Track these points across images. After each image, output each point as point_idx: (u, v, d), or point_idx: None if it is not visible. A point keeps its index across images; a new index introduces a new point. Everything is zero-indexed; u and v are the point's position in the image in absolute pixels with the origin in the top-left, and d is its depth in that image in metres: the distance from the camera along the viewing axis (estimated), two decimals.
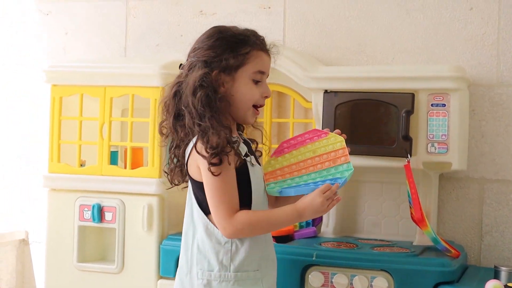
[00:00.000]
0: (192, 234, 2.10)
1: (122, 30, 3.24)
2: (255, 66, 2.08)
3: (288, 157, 2.18)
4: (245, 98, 2.08)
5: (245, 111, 2.10)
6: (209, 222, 2.06)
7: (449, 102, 2.50)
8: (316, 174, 2.12)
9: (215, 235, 2.05)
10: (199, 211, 2.08)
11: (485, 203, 2.76)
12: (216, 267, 2.04)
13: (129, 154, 2.72)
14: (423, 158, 2.53)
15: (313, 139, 2.19)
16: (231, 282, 2.04)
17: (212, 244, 2.04)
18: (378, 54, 2.89)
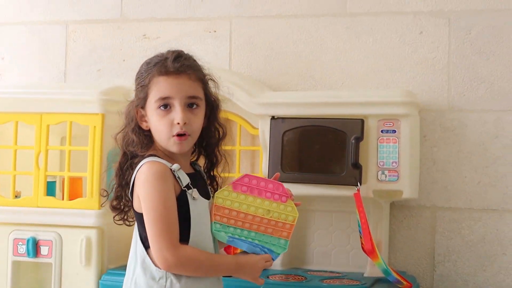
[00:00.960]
0: (133, 268, 2.00)
1: (61, 55, 3.11)
2: (156, 94, 1.98)
3: (243, 200, 2.03)
4: (157, 130, 1.99)
5: (165, 142, 1.99)
6: (146, 256, 1.95)
7: (400, 128, 2.44)
8: (256, 235, 2.02)
9: (150, 270, 1.94)
10: (139, 244, 1.98)
11: (437, 231, 2.69)
12: None
13: (66, 185, 2.59)
14: (373, 186, 2.45)
15: (273, 197, 2.04)
16: None
17: (146, 280, 1.93)
18: (327, 79, 2.81)
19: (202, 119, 2.03)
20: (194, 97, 1.99)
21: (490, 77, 2.66)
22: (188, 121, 1.96)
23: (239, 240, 2.01)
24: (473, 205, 2.66)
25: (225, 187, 2.05)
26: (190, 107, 1.98)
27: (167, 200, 1.91)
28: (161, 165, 1.94)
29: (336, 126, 2.46)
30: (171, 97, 1.97)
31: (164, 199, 1.91)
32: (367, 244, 2.29)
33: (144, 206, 1.92)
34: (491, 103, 2.65)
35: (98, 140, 2.53)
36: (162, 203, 1.90)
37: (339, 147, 2.45)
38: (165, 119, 1.97)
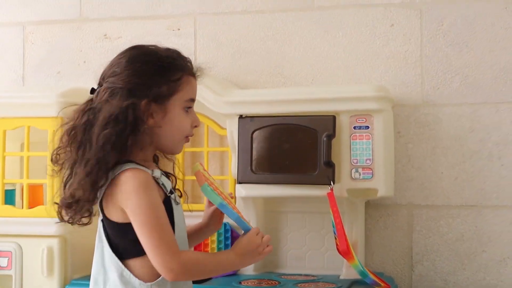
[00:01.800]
0: (103, 281, 1.82)
1: (19, 57, 2.98)
2: (187, 94, 1.86)
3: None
4: (178, 130, 1.86)
5: (176, 142, 1.88)
6: (124, 269, 1.79)
7: (373, 124, 2.35)
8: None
9: (131, 284, 1.78)
10: (112, 256, 1.81)
11: (414, 230, 2.61)
12: None
13: (25, 192, 2.46)
14: (347, 185, 2.36)
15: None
16: None
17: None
18: (296, 76, 2.72)
19: None
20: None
21: (464, 69, 2.58)
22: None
23: (229, 209, 1.84)
24: (451, 202, 2.58)
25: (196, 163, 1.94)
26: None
27: (158, 209, 1.77)
28: (145, 173, 1.79)
29: (307, 124, 2.36)
30: (194, 100, 1.89)
31: (155, 209, 1.77)
32: (342, 245, 2.19)
33: (135, 219, 1.76)
34: (466, 96, 2.58)
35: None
36: (154, 214, 1.76)
37: (310, 146, 2.36)
38: (187, 120, 1.86)
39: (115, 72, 1.83)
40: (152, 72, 1.82)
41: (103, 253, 1.83)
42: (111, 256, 1.81)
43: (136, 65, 1.82)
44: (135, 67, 1.82)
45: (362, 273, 2.21)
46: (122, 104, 1.77)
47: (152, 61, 1.83)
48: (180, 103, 1.84)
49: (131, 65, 1.82)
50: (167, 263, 1.74)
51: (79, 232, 2.44)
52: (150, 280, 1.79)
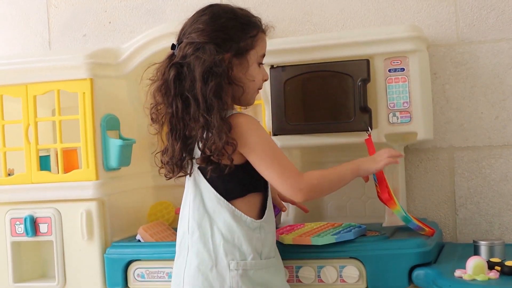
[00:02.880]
0: (209, 225, 1.97)
1: (44, 23, 2.96)
2: (261, 50, 2.06)
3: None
4: (254, 82, 2.04)
5: (252, 94, 2.06)
6: (236, 209, 1.97)
7: (408, 65, 2.28)
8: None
9: (243, 221, 1.97)
10: (219, 199, 1.97)
11: (456, 173, 2.54)
12: (250, 255, 1.95)
13: (60, 157, 2.44)
14: (385, 130, 2.30)
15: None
16: (263, 270, 1.98)
17: (244, 231, 1.96)
18: (326, 23, 2.65)
19: None
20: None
21: (500, 4, 2.48)
22: None
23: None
24: (493, 142, 2.51)
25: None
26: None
27: (272, 142, 2.01)
28: (250, 116, 2.01)
29: (340, 70, 2.30)
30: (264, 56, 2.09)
31: (271, 142, 1.99)
32: (383, 191, 2.14)
33: (256, 155, 1.95)
34: (503, 31, 2.48)
35: (89, 107, 2.38)
36: (271, 146, 1.98)
37: (345, 92, 2.30)
38: (260, 74, 2.06)
39: (198, 28, 1.97)
40: (235, 28, 2.00)
41: (203, 199, 1.99)
42: (219, 199, 1.97)
43: (219, 21, 1.99)
44: (219, 23, 1.98)
45: (405, 218, 2.16)
46: (215, 58, 1.93)
47: (233, 18, 2.01)
48: (255, 58, 2.03)
49: (215, 21, 1.98)
50: (296, 185, 1.95)
51: (117, 194, 2.47)
52: (256, 218, 1.99)
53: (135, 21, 2.85)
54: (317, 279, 2.14)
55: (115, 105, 2.49)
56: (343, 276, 2.12)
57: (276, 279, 2.02)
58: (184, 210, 2.04)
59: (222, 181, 1.97)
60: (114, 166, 2.43)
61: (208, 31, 1.96)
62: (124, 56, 2.51)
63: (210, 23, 1.98)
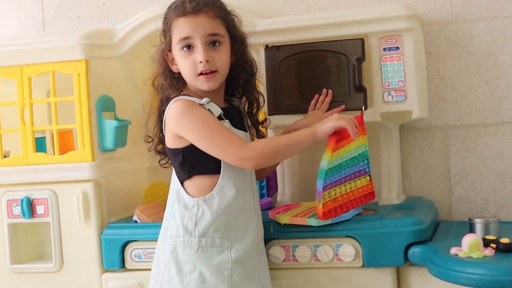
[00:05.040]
0: (172, 202, 2.08)
1: (38, 4, 2.94)
2: (177, 36, 2.06)
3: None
4: (184, 71, 2.08)
5: (193, 81, 2.07)
6: (181, 188, 2.05)
7: (403, 44, 2.27)
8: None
9: (183, 200, 2.04)
10: (175, 179, 2.07)
11: (451, 151, 2.55)
12: (181, 232, 2.02)
13: (56, 138, 2.44)
14: (380, 109, 2.30)
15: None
16: (194, 248, 2.00)
17: (180, 209, 2.03)
18: (320, 2, 2.65)
19: (227, 55, 2.09)
20: (215, 34, 2.05)
21: None
22: (211, 58, 2.03)
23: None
24: (487, 120, 2.51)
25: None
26: (213, 45, 2.05)
27: (210, 119, 1.99)
28: (186, 100, 2.02)
29: (335, 49, 2.30)
30: (191, 36, 2.03)
31: (207, 119, 1.99)
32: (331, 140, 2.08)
33: (193, 135, 1.99)
34: (497, 9, 2.48)
35: (84, 88, 2.38)
36: (208, 121, 1.98)
37: (340, 71, 2.31)
38: (189, 60, 2.04)
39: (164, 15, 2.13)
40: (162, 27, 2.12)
41: (173, 179, 2.10)
42: (175, 179, 2.08)
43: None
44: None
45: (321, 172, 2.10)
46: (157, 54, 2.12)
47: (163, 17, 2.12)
48: (176, 47, 2.06)
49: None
50: (240, 155, 1.96)
51: (113, 175, 2.47)
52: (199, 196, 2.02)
53: (129, 2, 2.83)
54: (313, 258, 2.15)
55: (110, 86, 2.48)
56: (340, 255, 2.13)
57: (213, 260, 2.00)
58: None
59: (174, 163, 2.09)
60: (110, 147, 2.43)
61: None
62: (119, 37, 2.50)
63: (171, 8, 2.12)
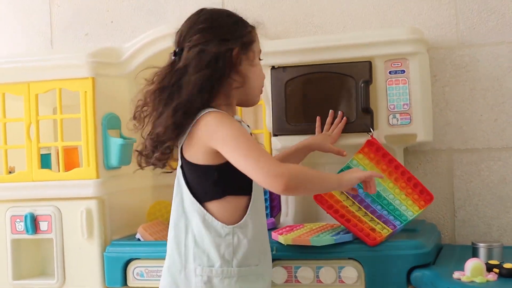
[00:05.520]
0: (185, 226, 1.93)
1: (46, 21, 2.97)
2: (257, 46, 2.03)
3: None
4: (255, 81, 2.01)
5: (258, 92, 2.03)
6: (206, 213, 1.90)
7: (408, 67, 2.29)
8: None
9: (214, 227, 1.89)
10: (193, 201, 1.91)
11: (455, 175, 2.55)
12: (217, 262, 1.88)
13: (61, 155, 2.45)
14: (385, 131, 2.31)
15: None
16: (234, 278, 1.89)
17: (212, 237, 1.89)
18: (327, 24, 2.66)
19: None
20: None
21: (500, 7, 2.49)
22: None
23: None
24: (491, 144, 2.52)
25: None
26: None
27: (246, 133, 1.88)
28: (224, 113, 1.91)
29: (342, 71, 2.31)
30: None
31: (244, 133, 1.86)
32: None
33: (228, 147, 1.84)
34: (503, 34, 2.49)
35: (90, 106, 2.39)
36: (244, 136, 1.85)
37: (346, 93, 2.32)
38: (262, 72, 2.04)
39: (199, 29, 1.92)
40: (235, 24, 1.98)
41: (183, 199, 1.93)
42: (192, 201, 1.91)
43: (219, 19, 1.96)
44: (219, 21, 1.96)
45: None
46: (218, 50, 1.88)
47: (230, 15, 2.00)
48: (254, 54, 1.99)
49: (215, 20, 1.95)
50: (272, 172, 1.78)
51: (117, 193, 2.47)
52: (231, 223, 1.89)
53: (137, 21, 2.85)
54: (315, 279, 2.15)
55: (116, 104, 2.49)
56: (342, 277, 2.13)
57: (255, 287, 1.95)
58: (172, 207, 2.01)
59: (196, 181, 1.92)
60: (114, 165, 2.43)
61: (210, 28, 1.93)
62: (126, 56, 2.52)
63: (210, 22, 1.94)
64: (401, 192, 2.17)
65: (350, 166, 2.21)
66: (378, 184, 2.16)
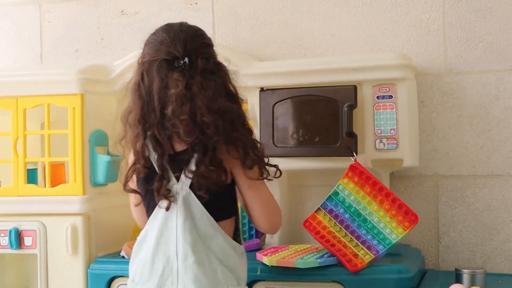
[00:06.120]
0: (204, 249, 1.88)
1: (36, 37, 2.97)
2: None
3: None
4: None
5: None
6: (224, 233, 1.91)
7: (396, 93, 2.31)
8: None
9: (233, 246, 1.93)
10: (212, 221, 1.89)
11: (440, 201, 2.57)
12: (242, 281, 1.94)
13: (47, 171, 2.45)
14: (371, 155, 2.32)
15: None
16: None
17: (236, 256, 1.93)
18: (316, 47, 2.68)
19: None
20: None
21: (488, 36, 2.52)
22: None
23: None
24: (477, 171, 2.53)
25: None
26: None
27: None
28: None
29: (328, 94, 2.32)
30: None
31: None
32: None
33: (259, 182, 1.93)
34: (490, 63, 2.52)
35: (79, 122, 2.40)
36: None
37: (332, 117, 2.32)
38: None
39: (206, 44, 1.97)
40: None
41: (195, 223, 1.88)
42: (212, 221, 1.89)
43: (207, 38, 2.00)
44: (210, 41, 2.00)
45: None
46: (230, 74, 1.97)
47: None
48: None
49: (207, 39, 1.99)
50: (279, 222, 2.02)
51: (102, 210, 2.47)
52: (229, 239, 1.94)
53: (128, 39, 2.86)
54: None
55: (104, 121, 2.49)
56: None
57: None
58: (167, 234, 1.90)
59: (215, 201, 1.90)
60: (101, 181, 2.43)
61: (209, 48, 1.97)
62: (116, 73, 2.52)
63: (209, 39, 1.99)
64: (386, 214, 2.18)
65: (337, 191, 2.22)
66: (364, 208, 2.18)
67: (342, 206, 2.21)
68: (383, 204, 2.18)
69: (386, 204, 2.18)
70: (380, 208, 2.18)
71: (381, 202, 2.19)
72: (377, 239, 2.17)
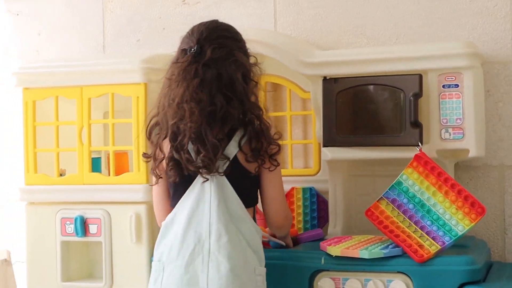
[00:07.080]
0: (235, 230, 2.01)
1: (99, 27, 3.01)
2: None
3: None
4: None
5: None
6: (251, 217, 2.06)
7: (463, 82, 2.27)
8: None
9: (257, 230, 2.07)
10: (243, 207, 2.04)
11: (506, 192, 2.52)
12: (263, 262, 2.05)
13: (112, 160, 2.48)
14: (437, 145, 2.29)
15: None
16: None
17: (259, 238, 2.06)
18: (379, 36, 2.65)
19: None
20: None
21: None
22: None
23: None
24: None
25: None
26: None
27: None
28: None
29: (392, 83, 2.30)
30: None
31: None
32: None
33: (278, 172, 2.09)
34: None
35: (142, 111, 2.41)
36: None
37: (396, 106, 2.30)
38: None
39: (224, 36, 2.05)
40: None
41: (227, 207, 2.01)
42: (242, 207, 2.03)
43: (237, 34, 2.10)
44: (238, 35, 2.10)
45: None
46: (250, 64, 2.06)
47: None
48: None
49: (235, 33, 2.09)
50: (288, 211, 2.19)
51: None
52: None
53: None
54: None
55: None
56: None
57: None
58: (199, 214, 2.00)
59: (246, 187, 2.06)
60: None
61: (234, 39, 2.07)
62: None
63: (232, 33, 2.08)
64: (452, 205, 2.14)
65: (400, 181, 2.19)
66: (428, 198, 2.15)
67: (406, 196, 2.18)
68: (449, 195, 2.15)
69: (452, 195, 2.15)
70: (445, 199, 2.15)
71: (446, 193, 2.15)
72: (443, 230, 2.13)
